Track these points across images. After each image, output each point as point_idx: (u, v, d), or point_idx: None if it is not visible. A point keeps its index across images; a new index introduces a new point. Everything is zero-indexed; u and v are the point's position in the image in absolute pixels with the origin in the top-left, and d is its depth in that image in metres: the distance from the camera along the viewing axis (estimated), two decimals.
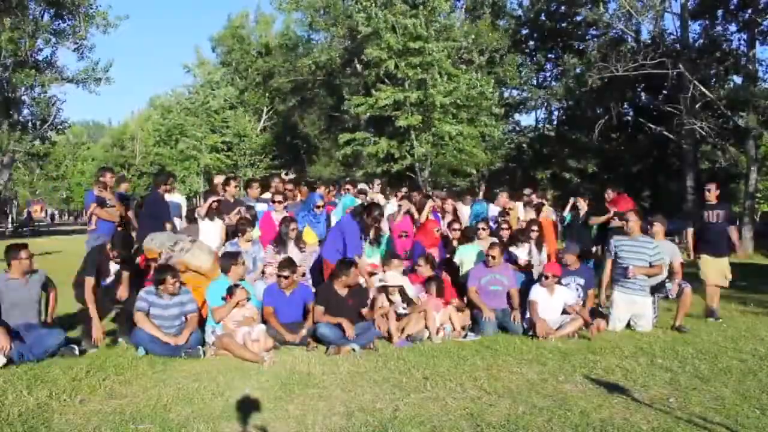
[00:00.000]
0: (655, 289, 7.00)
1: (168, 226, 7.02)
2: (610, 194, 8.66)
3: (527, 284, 6.95)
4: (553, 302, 6.53)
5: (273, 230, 7.14)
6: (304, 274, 6.80)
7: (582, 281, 6.98)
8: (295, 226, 7.02)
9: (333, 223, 7.63)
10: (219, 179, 8.23)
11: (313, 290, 6.40)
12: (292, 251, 6.91)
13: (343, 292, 6.11)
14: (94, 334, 5.55)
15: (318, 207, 7.76)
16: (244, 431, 3.66)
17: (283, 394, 4.30)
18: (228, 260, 5.97)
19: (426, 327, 6.20)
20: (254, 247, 6.83)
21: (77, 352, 5.31)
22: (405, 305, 6.33)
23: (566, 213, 9.61)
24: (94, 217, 7.09)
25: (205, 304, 5.84)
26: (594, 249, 8.47)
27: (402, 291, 6.39)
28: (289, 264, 6.12)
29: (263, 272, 6.65)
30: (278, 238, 6.97)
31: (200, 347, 5.49)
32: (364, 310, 6.19)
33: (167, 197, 7.54)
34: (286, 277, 6.01)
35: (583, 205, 8.94)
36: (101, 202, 7.10)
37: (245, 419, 3.80)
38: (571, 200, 9.47)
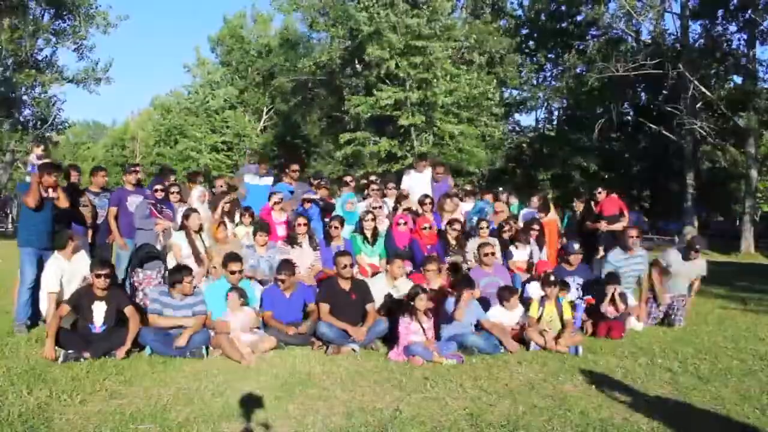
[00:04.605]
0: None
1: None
2: (601, 194, 8.61)
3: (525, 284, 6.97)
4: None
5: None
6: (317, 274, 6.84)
7: (581, 280, 7.02)
8: (302, 222, 7.03)
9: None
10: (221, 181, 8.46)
11: (316, 287, 6.42)
12: (306, 250, 6.93)
13: (346, 286, 6.09)
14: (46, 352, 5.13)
15: (307, 201, 7.72)
16: (244, 431, 3.66)
17: (283, 394, 4.30)
18: (227, 261, 5.96)
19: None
20: (269, 252, 6.82)
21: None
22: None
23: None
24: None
25: None
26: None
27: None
28: (286, 266, 6.09)
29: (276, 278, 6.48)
30: (289, 237, 7.03)
31: (204, 347, 5.49)
32: (369, 306, 6.12)
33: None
34: (282, 281, 6.00)
35: (579, 207, 8.92)
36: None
37: (245, 419, 3.80)
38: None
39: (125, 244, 7.13)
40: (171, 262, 6.48)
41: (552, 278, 6.22)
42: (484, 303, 6.44)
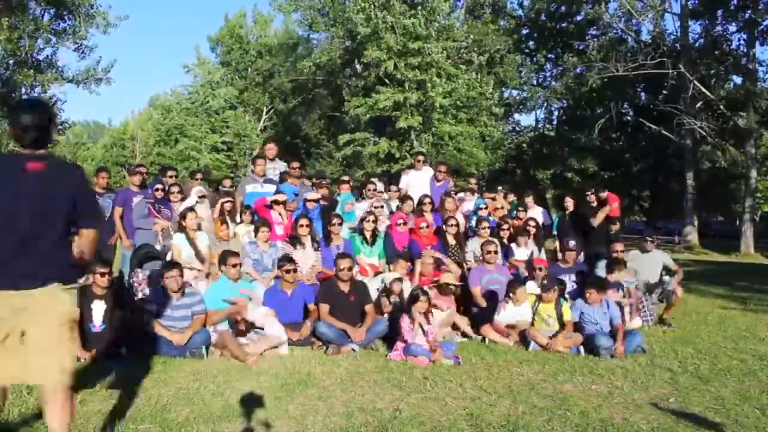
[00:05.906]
0: (650, 289, 7.40)
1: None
2: (592, 197, 8.59)
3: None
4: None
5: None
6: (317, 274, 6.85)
7: (575, 278, 7.03)
8: (305, 223, 7.04)
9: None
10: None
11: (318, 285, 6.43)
12: (309, 251, 6.93)
13: (345, 288, 6.10)
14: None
15: (309, 201, 7.72)
16: (244, 431, 3.66)
17: (283, 394, 4.30)
18: (226, 257, 5.95)
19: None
20: (272, 249, 6.83)
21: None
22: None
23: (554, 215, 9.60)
24: None
25: None
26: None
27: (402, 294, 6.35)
28: (287, 259, 6.16)
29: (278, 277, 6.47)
30: (292, 236, 7.05)
31: (204, 347, 5.48)
32: (368, 307, 6.14)
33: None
34: (288, 271, 6.02)
35: (570, 205, 8.91)
36: None
37: (245, 419, 3.80)
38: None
39: (131, 245, 7.14)
40: None
41: (548, 282, 6.25)
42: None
